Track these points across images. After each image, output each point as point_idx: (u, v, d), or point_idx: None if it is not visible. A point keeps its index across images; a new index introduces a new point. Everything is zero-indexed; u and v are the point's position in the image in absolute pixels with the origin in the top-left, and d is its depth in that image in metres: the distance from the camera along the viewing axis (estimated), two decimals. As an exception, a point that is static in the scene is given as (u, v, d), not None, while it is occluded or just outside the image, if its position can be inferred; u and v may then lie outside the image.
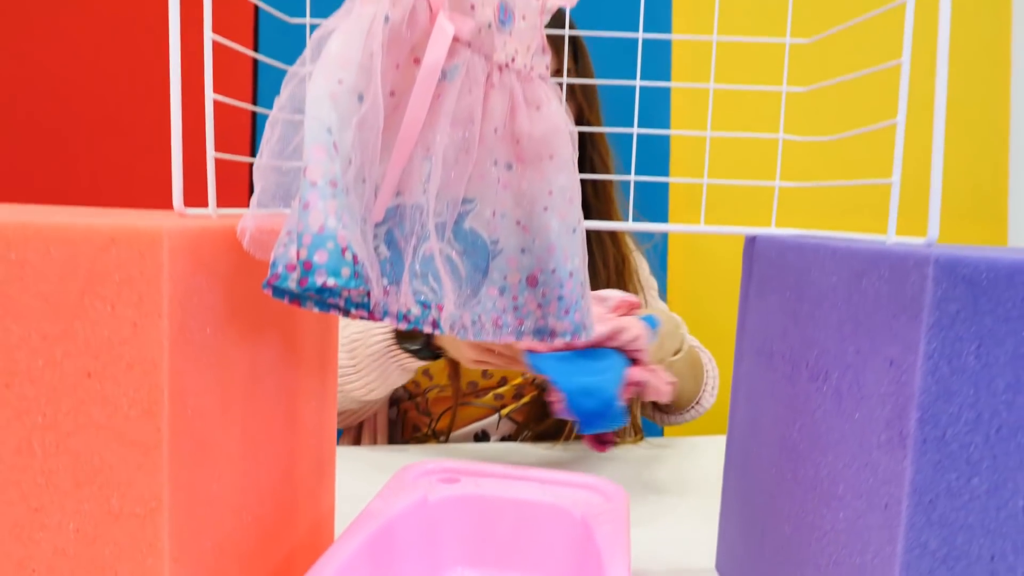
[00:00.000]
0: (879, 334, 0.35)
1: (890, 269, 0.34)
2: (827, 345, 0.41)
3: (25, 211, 0.40)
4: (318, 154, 0.34)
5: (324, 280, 0.33)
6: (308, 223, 0.33)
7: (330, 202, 0.33)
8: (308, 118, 0.34)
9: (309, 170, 0.34)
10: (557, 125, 0.47)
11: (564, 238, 0.48)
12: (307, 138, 0.34)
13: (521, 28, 0.47)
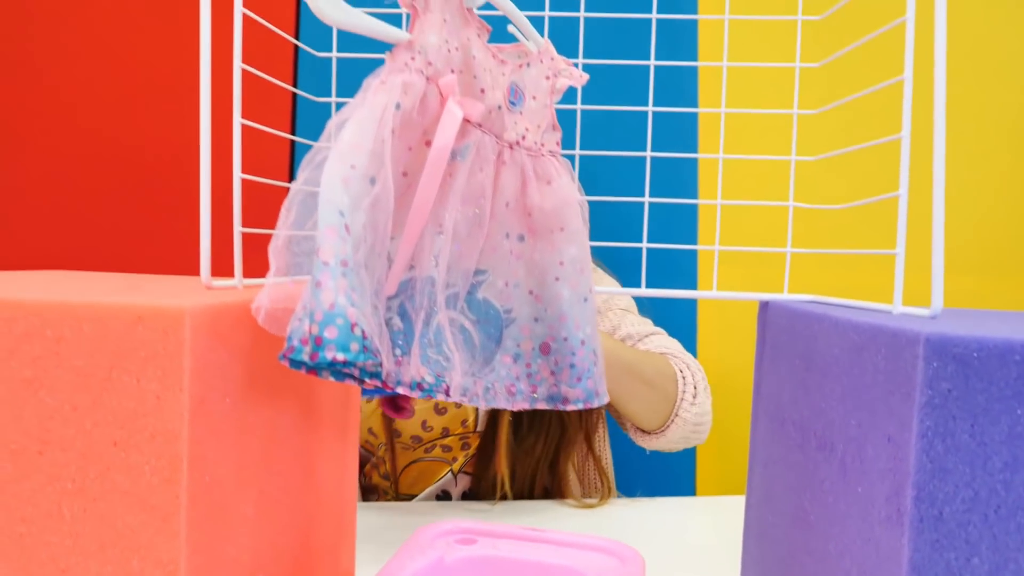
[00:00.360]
0: (878, 409, 0.36)
1: (886, 346, 0.35)
2: (832, 416, 0.41)
3: (60, 282, 0.43)
4: (330, 236, 0.36)
5: (334, 355, 0.34)
6: (320, 301, 0.35)
7: (340, 281, 0.35)
8: (322, 201, 0.36)
9: (321, 251, 0.36)
10: (567, 198, 0.49)
11: (575, 307, 0.49)
12: (320, 220, 0.36)
13: (532, 107, 0.49)
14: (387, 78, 0.41)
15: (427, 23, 0.42)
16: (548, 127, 0.50)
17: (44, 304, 0.35)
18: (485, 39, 0.46)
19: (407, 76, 0.41)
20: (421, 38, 0.42)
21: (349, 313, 0.35)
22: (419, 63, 0.42)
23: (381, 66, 0.41)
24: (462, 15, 0.44)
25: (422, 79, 0.41)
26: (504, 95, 0.47)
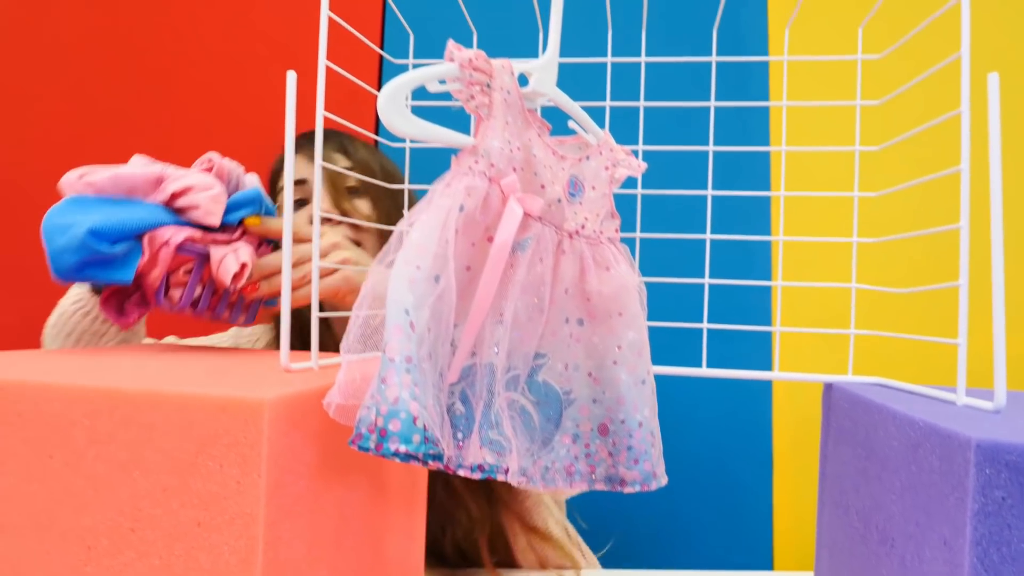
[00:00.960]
0: (934, 511, 0.35)
1: (940, 447, 0.35)
2: (892, 511, 0.41)
3: (152, 365, 0.47)
4: (396, 334, 0.38)
5: (397, 447, 0.37)
6: (385, 395, 0.38)
7: (404, 377, 0.38)
8: (389, 301, 0.39)
9: (388, 347, 0.38)
10: (626, 284, 0.51)
11: (633, 390, 0.50)
12: (388, 319, 0.39)
13: (591, 197, 0.51)
14: (452, 181, 0.44)
15: (490, 128, 0.45)
16: (607, 215, 0.52)
17: (140, 393, 0.39)
18: (546, 137, 0.49)
19: (470, 179, 0.43)
20: (484, 142, 0.45)
21: (411, 407, 0.37)
22: (482, 166, 0.44)
23: (447, 171, 0.44)
24: (524, 117, 0.47)
25: (485, 181, 0.44)
26: (564, 188, 0.49)
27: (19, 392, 0.41)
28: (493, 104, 0.45)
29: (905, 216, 0.90)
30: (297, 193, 0.95)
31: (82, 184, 0.57)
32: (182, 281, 0.60)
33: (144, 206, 0.57)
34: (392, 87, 0.41)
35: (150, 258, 0.56)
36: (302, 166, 0.95)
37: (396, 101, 0.41)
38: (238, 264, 0.59)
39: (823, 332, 0.53)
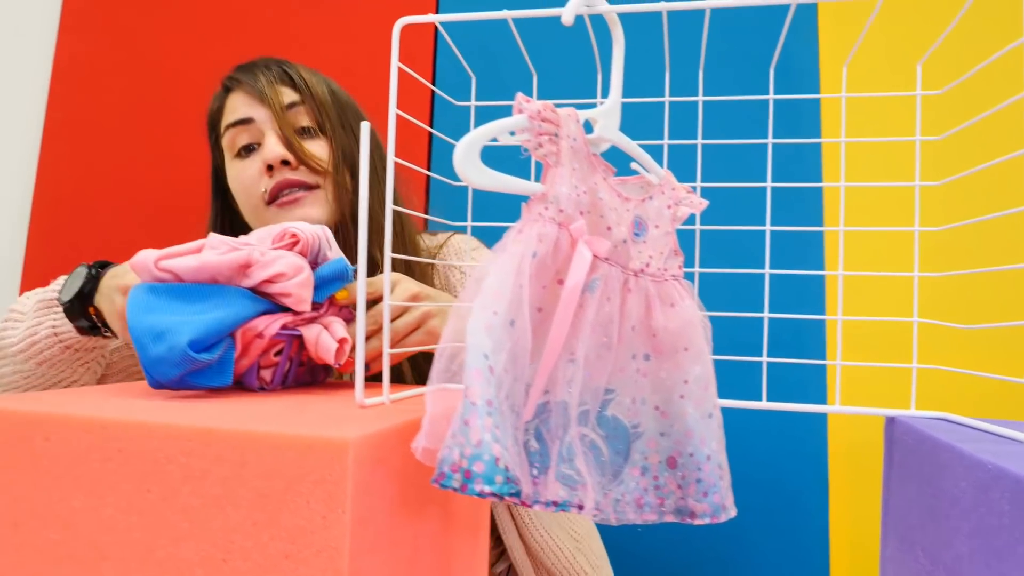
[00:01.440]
0: (1006, 554, 0.36)
1: (1010, 491, 0.35)
2: (961, 551, 0.41)
3: (239, 406, 0.49)
4: (477, 378, 0.40)
5: (481, 488, 0.39)
6: (468, 438, 0.40)
7: (486, 419, 0.40)
8: (469, 346, 0.41)
9: (469, 391, 0.40)
10: (691, 320, 0.52)
11: (700, 424, 0.51)
12: (468, 363, 0.41)
13: (655, 236, 0.53)
14: (524, 228, 0.45)
15: (558, 175, 0.47)
16: (670, 253, 0.53)
17: (232, 433, 0.41)
18: (611, 179, 0.51)
19: (541, 226, 0.45)
20: (553, 189, 0.46)
21: (494, 449, 0.39)
22: (551, 212, 0.46)
23: (519, 219, 0.46)
24: (589, 162, 0.49)
25: (554, 226, 0.46)
26: (629, 228, 0.51)
27: (121, 430, 0.43)
28: (561, 152, 0.47)
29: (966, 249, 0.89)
30: (244, 136, 0.88)
31: (161, 271, 0.56)
32: (272, 362, 0.60)
33: (232, 296, 0.57)
34: (467, 142, 0.43)
35: (242, 350, 0.57)
36: (246, 103, 0.88)
37: (471, 155, 0.43)
38: (336, 341, 0.60)
39: (884, 366, 0.54)
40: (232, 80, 0.91)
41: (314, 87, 0.89)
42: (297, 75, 0.90)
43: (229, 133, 0.89)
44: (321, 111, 0.88)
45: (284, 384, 0.62)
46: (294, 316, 0.60)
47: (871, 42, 1.09)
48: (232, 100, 0.90)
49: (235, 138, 0.89)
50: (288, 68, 0.90)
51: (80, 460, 0.44)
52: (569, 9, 0.47)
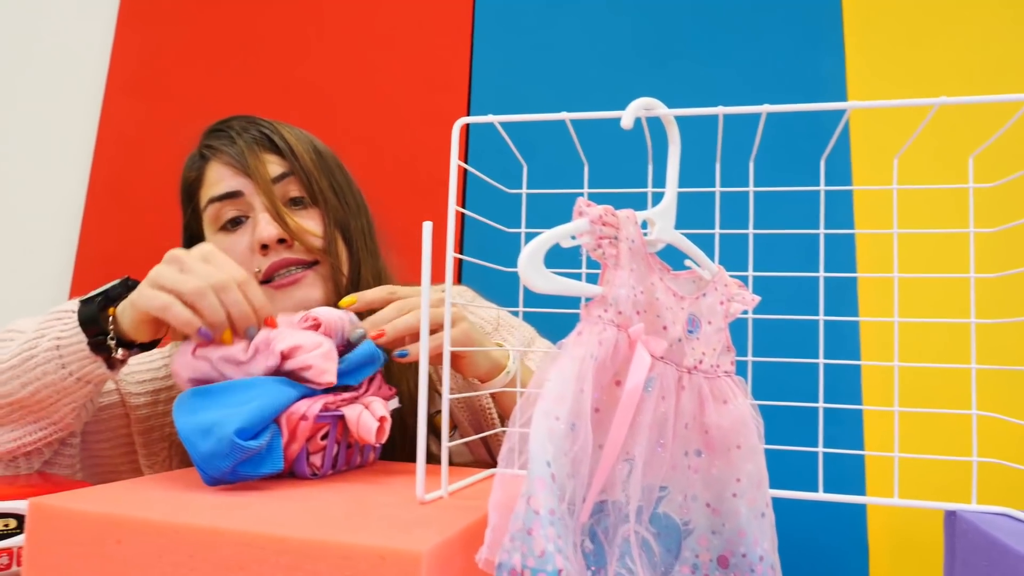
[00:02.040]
0: None
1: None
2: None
3: (302, 505, 0.50)
4: (539, 486, 0.41)
5: None
6: (532, 548, 0.40)
7: (549, 530, 0.40)
8: (531, 454, 0.42)
9: (532, 499, 0.41)
10: (744, 417, 0.52)
11: (753, 523, 0.51)
12: (531, 470, 0.41)
13: (707, 332, 0.53)
14: (583, 331, 0.46)
15: (617, 277, 0.48)
16: (723, 349, 0.54)
17: (306, 542, 0.42)
18: (667, 279, 0.51)
19: (601, 329, 0.46)
20: (612, 291, 0.47)
21: (557, 561, 0.40)
22: (611, 314, 0.47)
23: (579, 321, 0.47)
24: (647, 262, 0.50)
25: (614, 329, 0.47)
26: (683, 326, 0.51)
27: (193, 535, 0.44)
28: (620, 254, 0.48)
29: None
30: (231, 210, 0.82)
31: (198, 358, 0.62)
32: (320, 447, 0.61)
33: (271, 384, 0.59)
34: (531, 249, 0.44)
35: (289, 436, 0.58)
36: (229, 175, 0.82)
37: (535, 261, 0.44)
38: (376, 419, 0.61)
39: (944, 459, 0.53)
40: (208, 148, 0.85)
41: (299, 153, 0.84)
42: (280, 138, 0.84)
43: (213, 207, 0.83)
44: (310, 179, 0.83)
45: (335, 468, 0.63)
46: (334, 396, 0.61)
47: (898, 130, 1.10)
48: (213, 170, 0.84)
49: (220, 212, 0.83)
50: (266, 129, 0.85)
51: (151, 564, 0.45)
52: (629, 113, 0.49)
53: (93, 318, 0.69)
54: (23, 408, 0.72)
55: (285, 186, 0.83)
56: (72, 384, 0.70)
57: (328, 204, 0.83)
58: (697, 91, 1.29)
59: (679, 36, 1.31)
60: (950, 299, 0.62)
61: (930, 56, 1.21)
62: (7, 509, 0.61)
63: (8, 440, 0.73)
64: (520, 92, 1.37)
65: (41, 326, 0.71)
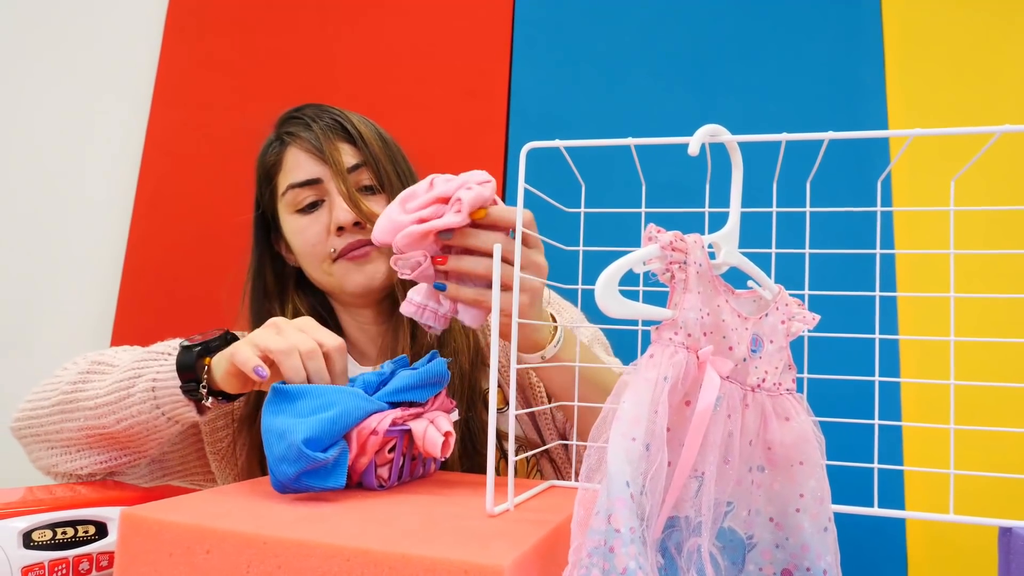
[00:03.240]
0: None
1: None
2: None
3: (378, 519, 0.52)
4: (620, 506, 0.42)
5: None
6: (614, 564, 0.41)
7: (630, 548, 0.42)
8: (610, 473, 0.43)
9: (613, 518, 0.42)
10: (805, 434, 0.53)
11: (816, 537, 0.52)
12: (611, 490, 0.43)
13: (770, 351, 0.54)
14: (655, 353, 0.48)
15: (686, 300, 0.49)
16: (784, 367, 0.55)
17: (391, 555, 0.44)
18: (732, 300, 0.53)
19: (672, 351, 0.48)
20: (682, 315, 0.49)
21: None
22: (681, 337, 0.49)
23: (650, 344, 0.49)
24: (713, 285, 0.51)
25: (684, 351, 0.48)
26: (747, 346, 0.53)
27: (281, 547, 0.46)
28: (689, 278, 0.50)
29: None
30: (310, 195, 0.90)
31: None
32: (387, 459, 0.63)
33: (347, 396, 0.61)
34: (607, 276, 0.46)
35: (358, 450, 0.60)
36: (308, 161, 0.90)
37: (611, 288, 0.46)
38: (442, 434, 0.63)
39: (999, 476, 0.54)
40: (287, 134, 0.93)
41: (370, 141, 0.91)
42: (351, 126, 0.92)
43: (292, 192, 0.91)
44: (380, 167, 0.91)
45: (400, 479, 0.65)
46: (403, 412, 0.63)
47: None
48: (291, 156, 0.92)
49: (298, 196, 0.91)
50: (338, 117, 0.92)
51: (240, 574, 0.47)
52: (696, 140, 0.50)
53: (190, 365, 0.74)
54: (113, 439, 0.78)
55: (359, 175, 0.91)
56: (163, 423, 0.76)
57: (395, 190, 0.91)
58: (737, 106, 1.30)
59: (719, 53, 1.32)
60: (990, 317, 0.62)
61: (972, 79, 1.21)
62: (88, 516, 0.64)
63: (93, 463, 0.80)
64: (558, 104, 1.38)
65: (136, 364, 0.77)
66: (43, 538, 0.62)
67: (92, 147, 1.63)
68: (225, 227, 1.48)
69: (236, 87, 1.55)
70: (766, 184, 0.63)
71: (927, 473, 1.08)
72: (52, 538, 0.62)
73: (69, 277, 1.60)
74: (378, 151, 0.92)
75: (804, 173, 0.61)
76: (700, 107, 1.31)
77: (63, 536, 0.63)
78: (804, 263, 0.61)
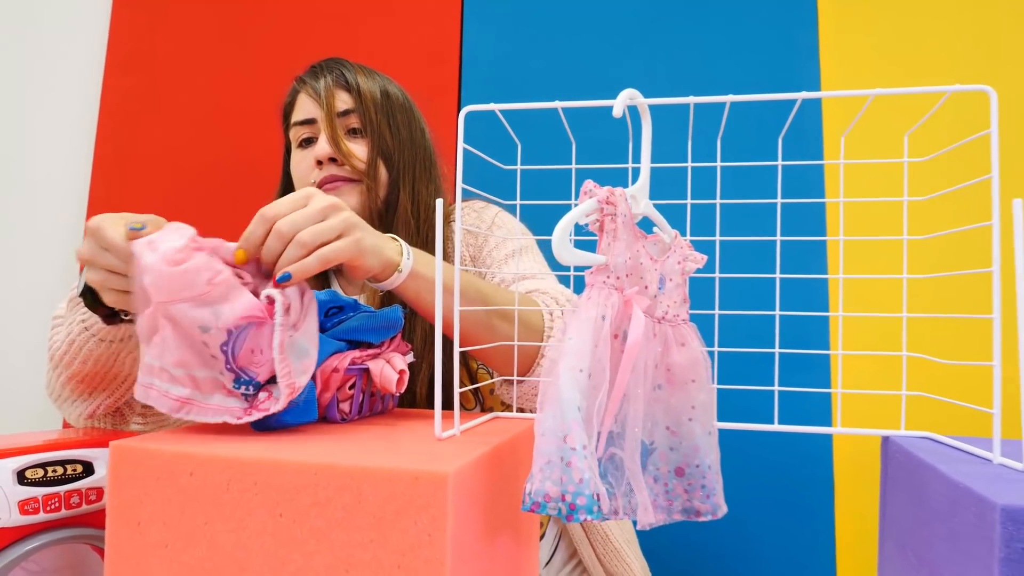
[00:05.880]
0: (973, 554, 0.46)
1: (974, 506, 0.45)
2: (940, 551, 0.51)
3: (344, 442, 0.59)
4: (575, 427, 0.50)
5: (584, 517, 0.49)
6: (571, 477, 0.49)
7: (583, 462, 0.50)
8: (563, 400, 0.51)
9: (569, 438, 0.50)
10: (698, 357, 0.62)
11: (704, 440, 0.62)
12: (565, 415, 0.51)
13: (670, 288, 0.63)
14: (592, 294, 0.56)
15: (615, 248, 0.57)
16: (681, 301, 0.64)
17: (352, 468, 0.51)
18: (648, 246, 0.61)
19: (607, 293, 0.55)
20: (613, 260, 0.57)
21: (591, 486, 0.49)
22: (612, 279, 0.56)
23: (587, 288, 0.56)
24: (632, 233, 0.59)
25: (615, 292, 0.56)
26: (656, 284, 0.61)
27: (257, 466, 0.53)
28: (617, 228, 0.57)
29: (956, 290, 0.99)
30: (306, 132, 1.04)
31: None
32: (348, 395, 0.70)
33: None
34: (560, 230, 0.52)
35: (322, 386, 0.67)
36: (310, 104, 1.03)
37: (564, 240, 0.53)
38: (396, 372, 0.71)
39: (875, 393, 0.63)
40: (301, 81, 1.08)
41: (365, 93, 1.03)
42: (354, 80, 1.04)
43: (295, 129, 1.06)
44: (368, 115, 1.02)
45: (360, 414, 0.72)
46: (360, 352, 0.70)
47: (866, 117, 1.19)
48: (300, 99, 1.06)
49: (298, 132, 1.06)
50: (347, 72, 1.05)
51: (221, 491, 0.54)
52: (619, 103, 0.57)
53: (93, 302, 0.74)
54: (90, 378, 0.85)
55: (348, 119, 1.03)
56: (112, 348, 0.82)
57: (379, 136, 1.02)
58: (682, 68, 1.37)
59: (664, 17, 1.39)
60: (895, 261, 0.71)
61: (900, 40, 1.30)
62: (76, 456, 0.70)
63: (86, 411, 0.88)
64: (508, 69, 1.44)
65: (69, 314, 0.84)
66: (35, 476, 0.68)
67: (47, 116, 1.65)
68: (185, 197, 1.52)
69: (187, 48, 1.57)
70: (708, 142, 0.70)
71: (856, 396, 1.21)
72: (44, 476, 0.69)
73: (31, 247, 1.62)
74: (370, 101, 1.03)
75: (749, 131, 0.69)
76: (646, 69, 1.38)
77: (54, 474, 0.69)
78: (715, 213, 0.69)
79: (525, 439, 0.69)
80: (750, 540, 1.28)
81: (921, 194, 0.66)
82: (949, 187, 0.64)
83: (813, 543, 1.24)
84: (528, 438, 0.70)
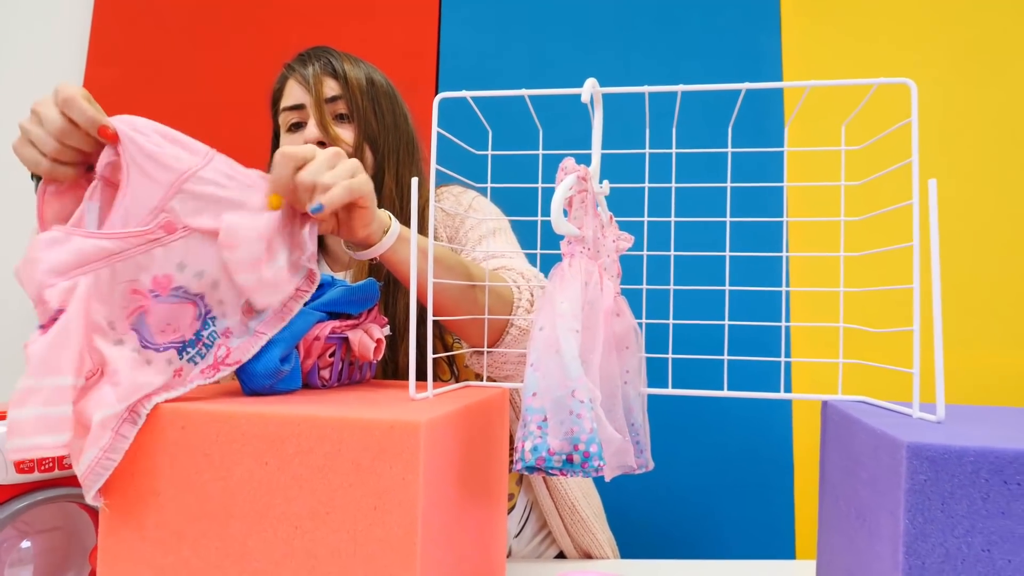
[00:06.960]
0: (886, 491, 0.51)
1: (887, 447, 0.51)
2: (863, 495, 0.57)
3: (327, 399, 0.64)
4: (580, 381, 0.55)
5: (598, 463, 0.54)
6: (582, 426, 0.54)
7: (591, 413, 0.55)
8: (567, 358, 0.56)
9: (576, 392, 0.55)
10: (631, 326, 0.68)
11: (636, 401, 0.68)
12: (571, 371, 0.55)
13: (608, 263, 0.68)
14: (572, 262, 0.61)
15: (587, 222, 0.62)
16: (617, 275, 0.69)
17: (333, 418, 0.56)
18: (601, 222, 0.66)
19: (585, 261, 0.61)
20: (587, 232, 0.62)
21: (599, 435, 0.54)
22: (587, 251, 0.62)
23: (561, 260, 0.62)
24: (594, 211, 0.64)
25: (591, 262, 0.62)
26: (607, 258, 0.66)
27: (244, 419, 0.58)
28: (587, 203, 0.62)
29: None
30: (295, 117, 1.09)
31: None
32: (328, 363, 0.75)
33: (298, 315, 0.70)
34: (555, 205, 0.58)
35: (304, 353, 0.72)
36: (298, 90, 1.08)
37: (559, 213, 0.58)
38: (374, 341, 0.76)
39: (814, 361, 0.69)
40: (290, 68, 1.13)
41: (351, 80, 1.08)
42: (340, 67, 1.09)
43: (284, 114, 1.11)
44: (354, 101, 1.08)
45: (339, 381, 0.77)
46: (340, 322, 0.75)
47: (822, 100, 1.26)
48: (289, 86, 1.11)
49: (287, 118, 1.11)
50: (334, 60, 1.10)
51: (210, 442, 0.59)
52: (586, 90, 0.63)
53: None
54: None
55: (335, 105, 1.08)
56: None
57: (365, 121, 1.08)
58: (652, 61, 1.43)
59: (637, 12, 1.45)
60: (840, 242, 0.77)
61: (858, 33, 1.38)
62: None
63: None
64: (485, 64, 1.49)
65: None
66: (31, 437, 0.72)
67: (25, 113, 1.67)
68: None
69: (169, 39, 1.61)
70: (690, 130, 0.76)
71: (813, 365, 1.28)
72: (39, 437, 0.72)
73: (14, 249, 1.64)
74: (357, 88, 1.08)
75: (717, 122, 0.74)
76: (620, 63, 1.44)
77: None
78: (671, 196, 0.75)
79: (496, 404, 0.74)
80: (713, 514, 1.34)
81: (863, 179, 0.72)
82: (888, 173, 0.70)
83: (773, 515, 1.31)
84: (498, 404, 0.75)
